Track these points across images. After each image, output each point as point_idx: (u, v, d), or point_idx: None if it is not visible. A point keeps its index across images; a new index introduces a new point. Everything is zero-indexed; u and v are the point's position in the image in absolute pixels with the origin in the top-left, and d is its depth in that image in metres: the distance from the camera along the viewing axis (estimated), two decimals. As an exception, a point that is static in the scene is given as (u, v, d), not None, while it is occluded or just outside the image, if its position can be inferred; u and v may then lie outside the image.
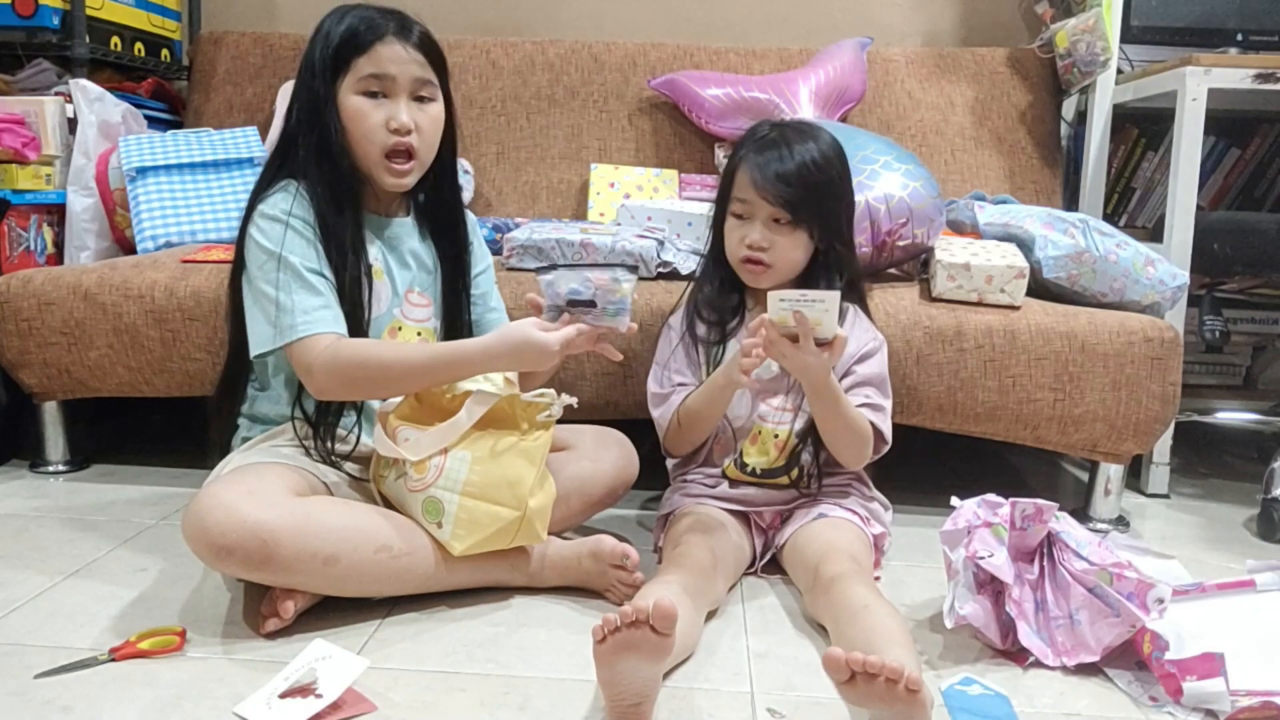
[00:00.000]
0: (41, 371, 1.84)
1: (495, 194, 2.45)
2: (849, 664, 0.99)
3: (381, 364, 1.35)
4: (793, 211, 1.45)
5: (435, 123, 1.44)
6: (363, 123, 1.40)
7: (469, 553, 1.34)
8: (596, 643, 1.04)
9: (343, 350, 1.34)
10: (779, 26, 2.67)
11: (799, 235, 1.47)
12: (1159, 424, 1.77)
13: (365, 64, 1.39)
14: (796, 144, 1.46)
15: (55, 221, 2.11)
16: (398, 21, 1.41)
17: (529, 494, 1.33)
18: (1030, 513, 1.32)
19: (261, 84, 2.52)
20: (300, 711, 1.07)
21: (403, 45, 1.40)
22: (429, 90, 1.43)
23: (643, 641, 1.03)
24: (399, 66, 1.39)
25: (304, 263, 1.36)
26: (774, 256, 1.47)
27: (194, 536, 1.23)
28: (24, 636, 1.25)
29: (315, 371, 1.34)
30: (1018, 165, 2.45)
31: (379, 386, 1.38)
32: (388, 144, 1.40)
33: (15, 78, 2.20)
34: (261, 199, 1.42)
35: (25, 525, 1.65)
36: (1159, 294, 1.83)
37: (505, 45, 2.55)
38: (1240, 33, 2.33)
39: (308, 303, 1.35)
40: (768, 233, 1.46)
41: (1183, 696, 1.17)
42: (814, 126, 1.52)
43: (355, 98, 1.40)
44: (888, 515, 1.57)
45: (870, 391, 1.50)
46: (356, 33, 1.39)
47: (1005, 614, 1.28)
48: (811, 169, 1.45)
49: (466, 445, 1.33)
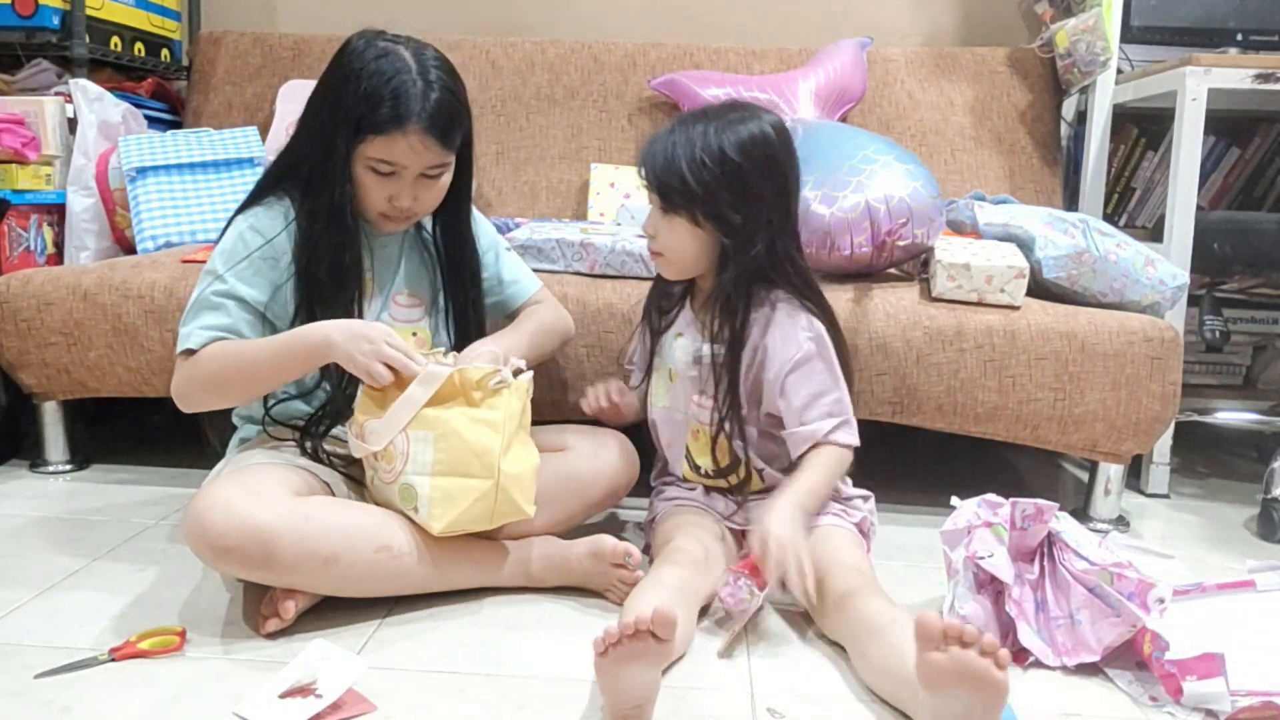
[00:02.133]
0: (41, 371, 1.84)
1: (495, 194, 2.45)
2: (946, 631, 0.96)
3: (226, 364, 1.35)
4: (662, 197, 1.41)
5: (440, 191, 1.44)
6: (364, 192, 1.40)
7: (451, 531, 1.32)
8: (598, 655, 1.03)
9: (200, 359, 1.35)
10: (779, 26, 2.67)
11: (677, 222, 1.40)
12: (1159, 424, 1.77)
13: (380, 148, 1.36)
14: (695, 126, 1.39)
15: (55, 221, 2.11)
16: (434, 111, 1.34)
17: (498, 461, 1.31)
18: (1030, 513, 1.32)
19: (261, 84, 2.52)
20: (300, 712, 1.07)
21: (421, 138, 1.35)
22: (440, 169, 1.41)
23: (644, 651, 1.03)
24: (413, 159, 1.37)
25: (235, 290, 1.37)
26: (662, 244, 1.44)
27: (194, 537, 1.23)
28: (24, 636, 1.26)
29: (176, 382, 1.38)
30: (1018, 165, 2.45)
31: (230, 383, 1.37)
32: (386, 209, 1.41)
33: (15, 78, 2.20)
34: (251, 206, 1.44)
35: (25, 525, 1.65)
36: (1159, 294, 1.83)
37: (505, 45, 2.55)
38: (1240, 33, 2.33)
39: (207, 320, 1.37)
40: (654, 219, 1.44)
41: (1183, 696, 1.16)
42: (745, 115, 1.41)
43: (364, 172, 1.39)
44: (868, 504, 1.54)
45: (827, 403, 1.42)
46: (381, 108, 1.33)
47: (1005, 614, 1.28)
48: (680, 152, 1.37)
49: (427, 426, 1.31)
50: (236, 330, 1.38)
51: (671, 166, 1.38)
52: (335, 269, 1.40)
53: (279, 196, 1.44)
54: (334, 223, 1.39)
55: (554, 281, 1.81)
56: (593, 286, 1.81)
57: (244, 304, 1.39)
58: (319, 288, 1.40)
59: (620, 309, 1.77)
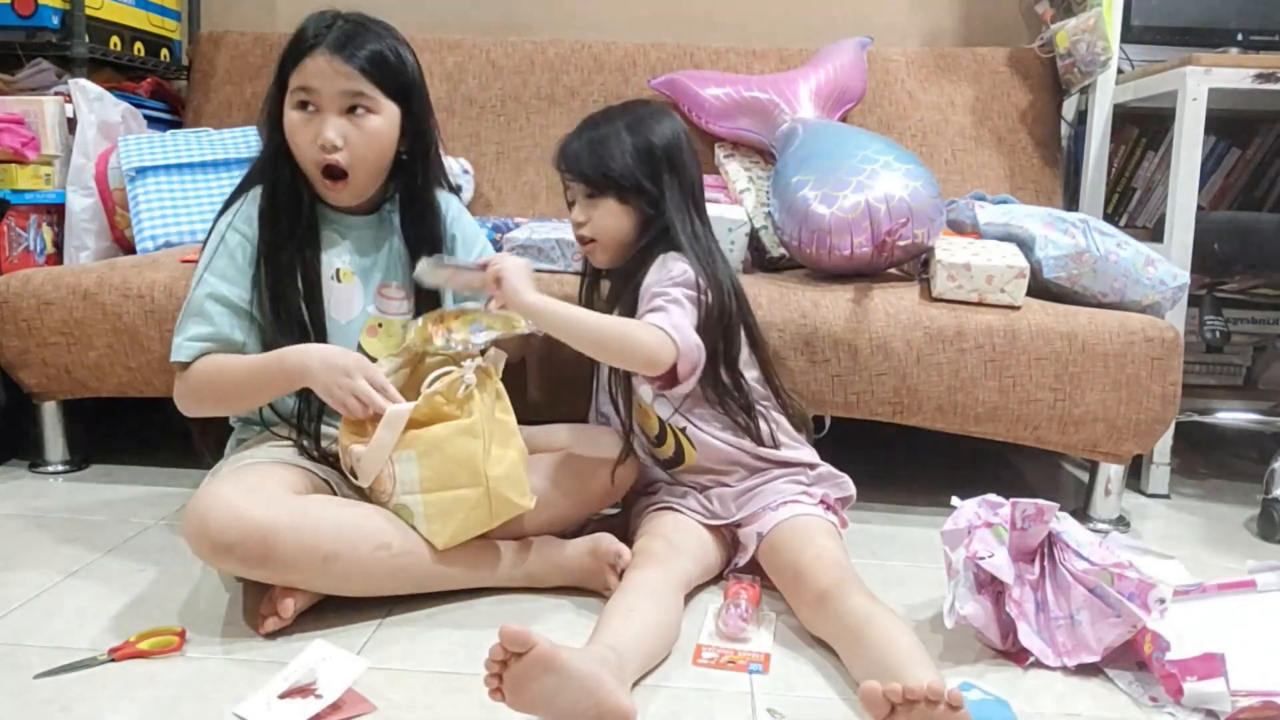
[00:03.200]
0: (41, 371, 1.84)
1: (495, 194, 2.45)
2: (887, 697, 0.97)
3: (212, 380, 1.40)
4: (586, 182, 1.53)
5: (372, 136, 1.41)
6: (295, 137, 1.41)
7: (455, 542, 1.33)
8: (501, 700, 1.02)
9: (194, 373, 1.40)
10: (779, 26, 2.67)
11: (603, 203, 1.53)
12: (1159, 424, 1.77)
13: (295, 78, 1.40)
14: (603, 121, 1.55)
15: (55, 221, 2.10)
16: (338, 33, 1.38)
17: (484, 466, 1.32)
18: (1031, 513, 1.31)
19: (261, 84, 2.50)
20: (300, 712, 1.07)
21: (330, 58, 1.37)
22: (363, 101, 1.40)
23: (524, 671, 1.01)
24: (323, 80, 1.38)
25: (215, 290, 1.41)
26: (593, 228, 1.54)
27: (193, 535, 1.23)
28: (23, 637, 1.25)
29: (176, 394, 1.43)
30: (1018, 165, 2.45)
31: (221, 402, 1.44)
32: (319, 160, 1.41)
33: (15, 77, 2.20)
34: (226, 207, 1.46)
35: (25, 525, 1.65)
36: (1159, 294, 1.83)
37: (505, 45, 2.55)
38: (1241, 32, 2.32)
39: (193, 331, 1.41)
40: (581, 207, 1.55)
41: (1183, 697, 1.16)
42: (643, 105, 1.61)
43: (290, 111, 1.41)
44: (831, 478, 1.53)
45: (653, 304, 1.44)
46: (294, 44, 1.40)
47: (1006, 614, 1.28)
48: (596, 141, 1.52)
49: (407, 445, 1.32)
50: (223, 337, 1.40)
51: (593, 152, 1.53)
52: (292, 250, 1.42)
53: (251, 191, 1.46)
54: (281, 192, 1.42)
55: (554, 281, 1.81)
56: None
57: (226, 303, 1.41)
58: (278, 272, 1.41)
59: (620, 309, 1.77)
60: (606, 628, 1.19)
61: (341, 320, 1.47)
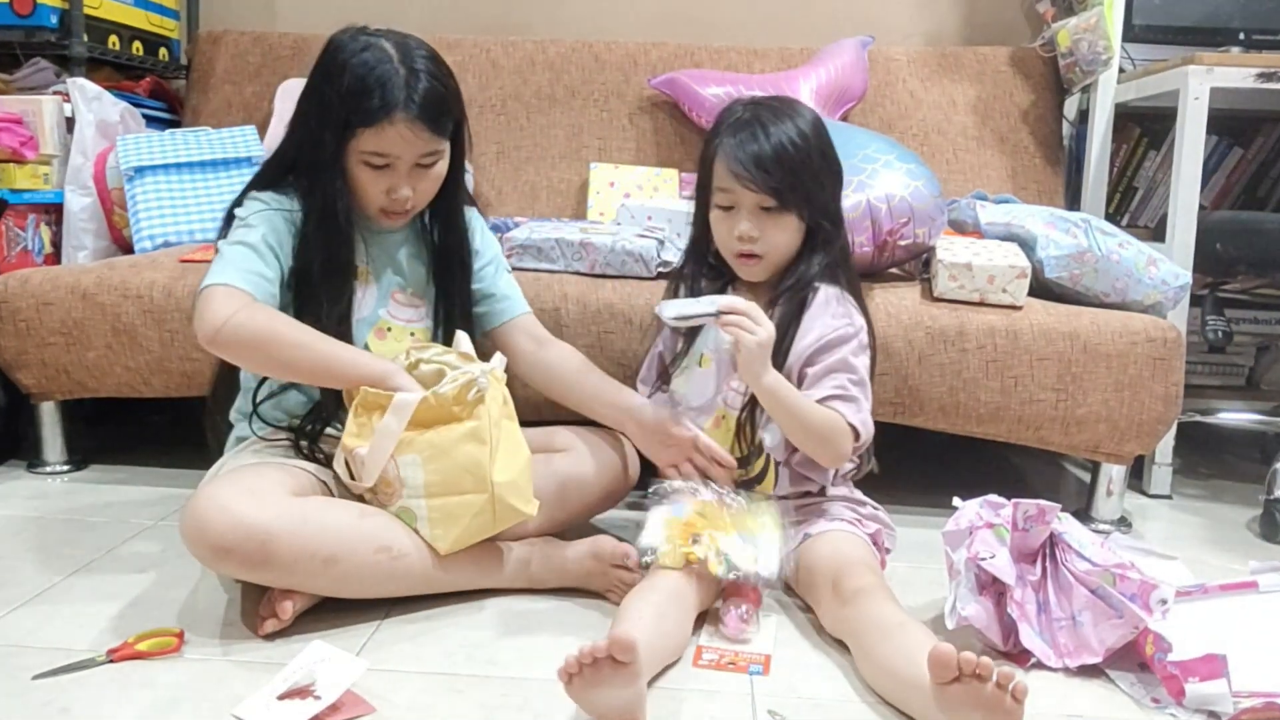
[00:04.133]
0: (40, 371, 1.83)
1: (495, 193, 2.44)
2: (961, 664, 0.96)
3: (281, 338, 1.31)
4: (778, 196, 1.40)
5: (437, 181, 1.44)
6: (362, 188, 1.40)
7: (457, 547, 1.33)
8: (565, 684, 1.03)
9: (256, 312, 1.31)
10: (780, 25, 2.67)
11: (787, 219, 1.43)
12: (1161, 424, 1.77)
13: (371, 140, 1.36)
14: (771, 124, 1.41)
15: (53, 221, 2.10)
16: (425, 103, 1.35)
17: (490, 473, 1.31)
18: (1032, 514, 1.31)
19: (260, 83, 2.51)
20: (299, 713, 1.07)
21: (410, 125, 1.35)
22: (433, 157, 1.41)
23: (609, 675, 1.02)
24: (405, 148, 1.37)
25: (267, 235, 1.37)
26: (764, 245, 1.44)
27: (192, 537, 1.22)
28: (22, 637, 1.25)
29: (216, 323, 1.28)
30: (1020, 165, 2.44)
31: (270, 359, 1.34)
32: (384, 204, 1.41)
33: (13, 77, 2.20)
34: (255, 191, 1.43)
35: (23, 526, 1.64)
36: (1161, 294, 1.82)
37: (505, 45, 2.55)
38: (1243, 32, 2.32)
39: (251, 266, 1.34)
40: (755, 221, 1.42)
41: (1185, 698, 1.16)
42: (788, 102, 1.47)
43: (359, 168, 1.39)
44: (883, 519, 1.53)
45: (840, 379, 1.40)
46: (367, 100, 1.33)
47: (1007, 615, 1.27)
48: (789, 148, 1.40)
49: (413, 449, 1.31)
50: (275, 286, 1.37)
51: (781, 163, 1.39)
52: (328, 267, 1.40)
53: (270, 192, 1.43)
54: (326, 222, 1.39)
55: (554, 281, 1.81)
56: (593, 286, 1.81)
57: (278, 260, 1.38)
58: (311, 284, 1.40)
59: (620, 309, 1.76)
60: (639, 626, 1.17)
61: (353, 317, 1.47)
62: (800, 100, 1.47)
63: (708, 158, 1.46)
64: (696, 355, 1.51)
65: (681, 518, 1.35)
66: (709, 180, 1.46)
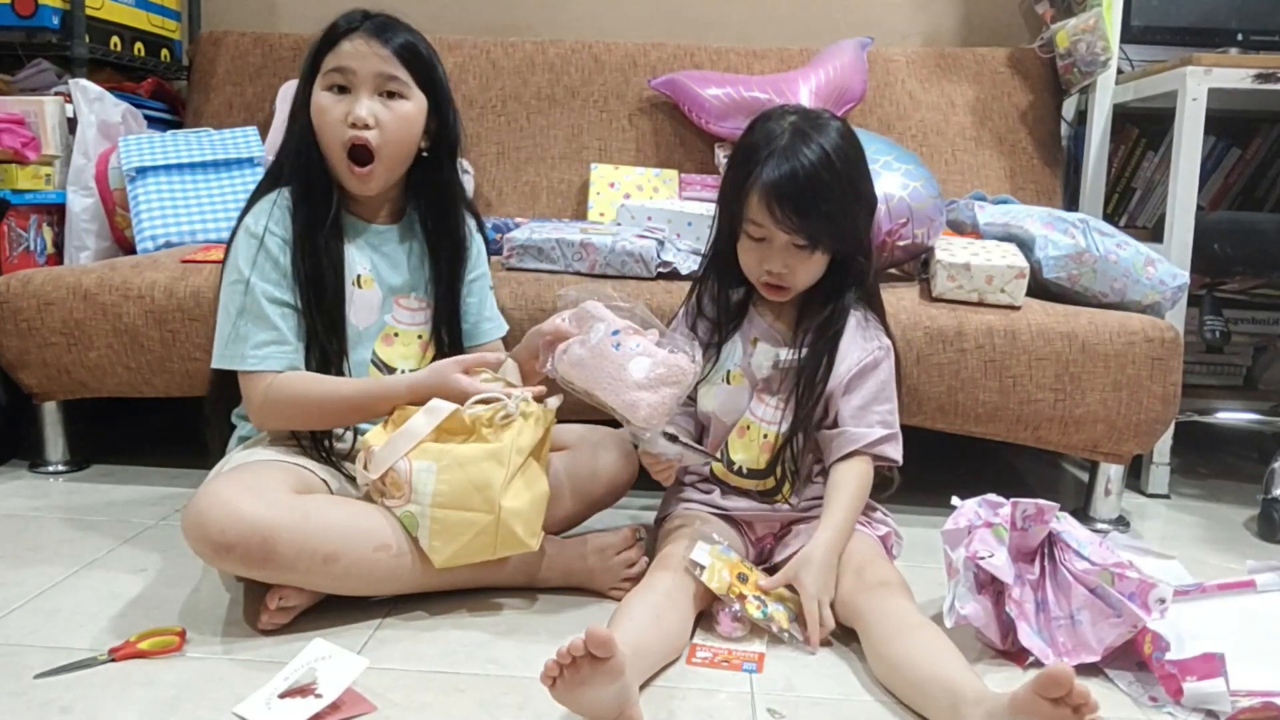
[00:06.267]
0: (41, 372, 1.84)
1: (495, 194, 2.45)
2: (1074, 692, 0.96)
3: (311, 400, 1.38)
4: (811, 239, 1.38)
5: (403, 121, 1.42)
6: (323, 117, 1.41)
7: (453, 564, 1.31)
8: (550, 688, 1.03)
9: (281, 388, 1.37)
10: (779, 26, 2.67)
11: (818, 255, 1.41)
12: (1160, 424, 1.77)
13: (330, 59, 1.41)
14: (810, 158, 1.35)
15: (55, 222, 2.10)
16: (375, 22, 1.41)
17: (500, 496, 1.29)
18: (1031, 513, 1.31)
19: (261, 84, 2.51)
20: (300, 712, 1.07)
21: (369, 41, 1.40)
22: (396, 86, 1.41)
23: (590, 673, 1.02)
24: (360, 60, 1.39)
25: (268, 292, 1.38)
26: (793, 279, 1.42)
27: (194, 534, 1.23)
28: (23, 637, 1.25)
29: (254, 407, 1.39)
30: (1018, 165, 2.45)
31: (313, 419, 1.41)
32: (346, 138, 1.40)
33: (15, 78, 2.20)
34: (250, 208, 1.44)
35: (25, 525, 1.65)
36: (1159, 294, 1.83)
37: (505, 45, 2.55)
38: (1241, 33, 2.33)
39: (259, 337, 1.38)
40: (787, 258, 1.40)
41: (1183, 697, 1.16)
42: (823, 126, 1.40)
43: (320, 93, 1.41)
44: (891, 521, 1.54)
45: (882, 412, 1.45)
46: (328, 33, 1.42)
47: (1006, 614, 1.28)
48: (829, 189, 1.36)
49: (431, 457, 1.30)
50: (288, 340, 1.39)
51: (818, 204, 1.36)
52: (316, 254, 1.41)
53: (271, 192, 1.45)
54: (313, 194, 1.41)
55: (554, 281, 1.81)
56: (593, 286, 1.81)
57: (282, 304, 1.39)
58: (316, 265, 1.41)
59: (620, 309, 1.77)
60: (631, 626, 1.18)
61: (360, 326, 1.47)
62: (837, 118, 1.45)
63: (741, 184, 1.40)
64: (723, 370, 1.50)
65: (730, 558, 1.36)
66: (741, 208, 1.40)
